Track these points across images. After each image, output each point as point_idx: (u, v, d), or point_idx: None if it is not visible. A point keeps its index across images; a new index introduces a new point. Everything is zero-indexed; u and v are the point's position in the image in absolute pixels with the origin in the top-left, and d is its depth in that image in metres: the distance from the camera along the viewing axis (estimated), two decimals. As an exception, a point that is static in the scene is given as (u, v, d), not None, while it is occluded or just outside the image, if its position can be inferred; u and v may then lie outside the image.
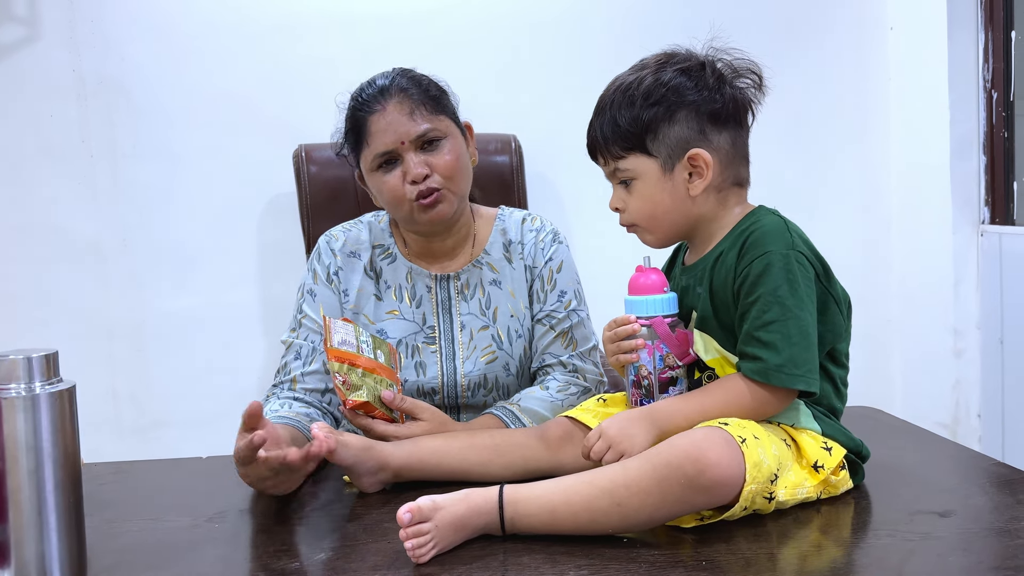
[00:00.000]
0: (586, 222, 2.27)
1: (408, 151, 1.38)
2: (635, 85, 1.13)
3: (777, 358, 1.05)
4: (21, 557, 0.89)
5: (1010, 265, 2.23)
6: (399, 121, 1.38)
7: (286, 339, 1.45)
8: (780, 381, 1.05)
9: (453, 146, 1.41)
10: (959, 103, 2.31)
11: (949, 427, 2.36)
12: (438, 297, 1.47)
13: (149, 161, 2.28)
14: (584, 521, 0.98)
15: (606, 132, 1.15)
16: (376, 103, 1.39)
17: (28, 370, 0.90)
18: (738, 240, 1.12)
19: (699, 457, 0.95)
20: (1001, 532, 0.99)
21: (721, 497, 0.98)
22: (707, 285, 1.14)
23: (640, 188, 1.15)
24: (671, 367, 1.15)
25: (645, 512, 0.97)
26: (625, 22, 2.37)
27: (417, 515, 0.95)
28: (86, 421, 1.01)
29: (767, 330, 1.06)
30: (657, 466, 0.96)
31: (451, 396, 1.46)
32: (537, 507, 0.98)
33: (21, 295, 2.26)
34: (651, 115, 1.12)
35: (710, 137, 1.13)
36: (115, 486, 1.28)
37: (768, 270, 1.07)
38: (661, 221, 1.16)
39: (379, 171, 1.40)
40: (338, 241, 1.49)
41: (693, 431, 1.01)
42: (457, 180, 1.41)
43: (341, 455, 1.14)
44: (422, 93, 1.41)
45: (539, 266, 1.50)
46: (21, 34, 2.22)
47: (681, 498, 0.96)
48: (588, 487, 0.98)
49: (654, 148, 1.13)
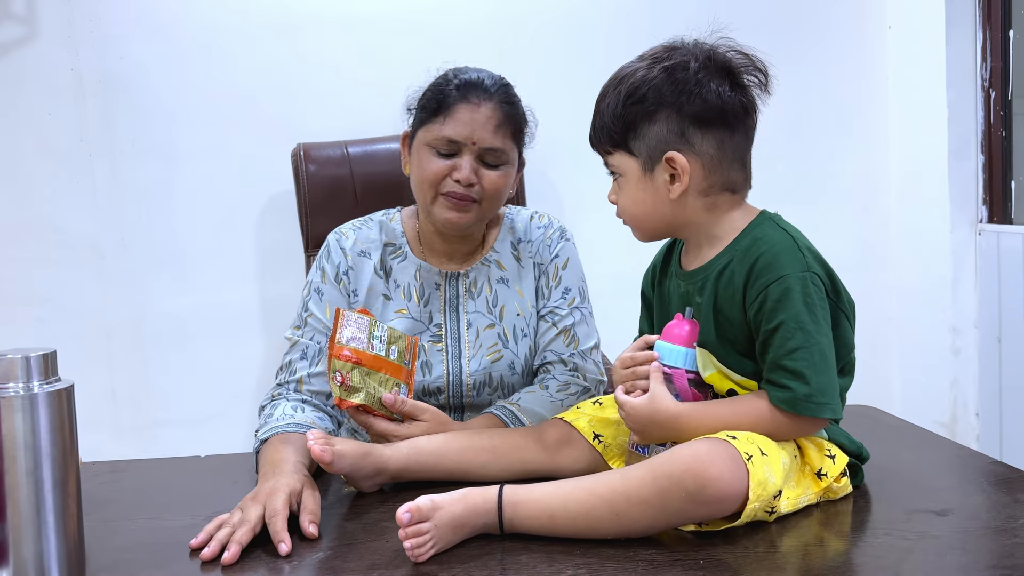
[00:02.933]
0: (585, 219, 2.27)
1: (470, 152, 1.39)
2: (625, 80, 1.11)
3: (805, 388, 1.03)
4: (19, 556, 0.89)
5: (1008, 264, 2.23)
6: (483, 126, 1.38)
7: (290, 336, 1.43)
8: (810, 411, 1.04)
9: (507, 174, 1.42)
10: (957, 102, 2.31)
11: (947, 426, 2.36)
12: (446, 295, 1.47)
13: (148, 160, 2.27)
14: (582, 527, 0.98)
15: (597, 127, 1.14)
16: (474, 95, 1.40)
17: (26, 369, 0.90)
18: (746, 258, 1.08)
19: (700, 472, 0.94)
20: (998, 531, 0.99)
21: (722, 511, 0.97)
22: (710, 299, 1.11)
23: (624, 186, 1.14)
24: None
25: (644, 522, 0.97)
26: (625, 20, 2.36)
27: (416, 515, 0.95)
28: (84, 420, 1.02)
29: (792, 358, 1.04)
30: (658, 477, 0.96)
31: (456, 395, 1.45)
32: (536, 510, 0.99)
33: (19, 294, 2.25)
34: (632, 114, 1.09)
35: (691, 140, 1.08)
36: (113, 485, 1.28)
37: (787, 295, 1.04)
38: (643, 221, 1.15)
39: (432, 150, 1.40)
40: (348, 239, 1.48)
41: (698, 442, 0.99)
42: (493, 203, 1.43)
43: (338, 466, 1.14)
44: (515, 115, 1.43)
45: (545, 262, 1.50)
46: (20, 32, 2.21)
47: (681, 510, 0.96)
48: (587, 494, 0.98)
49: (635, 147, 1.11)
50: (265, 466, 1.18)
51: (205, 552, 0.98)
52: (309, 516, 1.05)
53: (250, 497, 1.07)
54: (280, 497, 1.05)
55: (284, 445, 1.22)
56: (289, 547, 0.99)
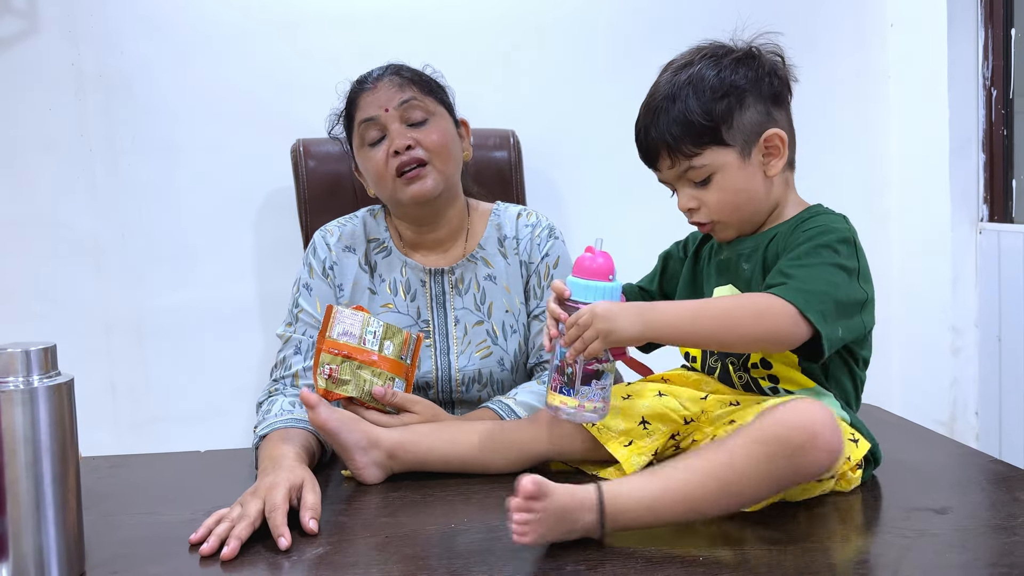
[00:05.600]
0: (584, 217, 2.27)
1: (393, 121, 1.41)
2: (700, 82, 1.14)
3: (805, 286, 1.04)
4: (19, 550, 0.89)
5: (1008, 263, 2.23)
6: (386, 93, 1.42)
7: (282, 333, 1.45)
8: (798, 302, 1.02)
9: (441, 126, 1.44)
10: (958, 100, 2.31)
11: (947, 424, 2.36)
12: (432, 292, 1.48)
13: (148, 156, 2.27)
14: (690, 508, 0.95)
15: (675, 132, 1.14)
16: (368, 81, 1.45)
17: (26, 363, 0.90)
18: (799, 222, 1.16)
19: (806, 426, 0.94)
20: (998, 529, 0.99)
21: (820, 469, 0.96)
22: (760, 261, 1.15)
23: (721, 181, 1.15)
24: (599, 360, 1.08)
25: (749, 493, 0.96)
26: (625, 19, 2.36)
27: (537, 490, 0.91)
28: (84, 415, 1.01)
29: (798, 268, 1.06)
30: (760, 441, 0.94)
31: (445, 391, 1.46)
32: (640, 498, 0.95)
33: (19, 289, 2.25)
34: (724, 107, 1.13)
35: (776, 117, 1.17)
36: (113, 480, 1.28)
37: (820, 234, 1.10)
38: (744, 209, 1.17)
39: (366, 147, 1.43)
40: (333, 235, 1.50)
41: (793, 401, 0.97)
42: (443, 157, 1.43)
43: (325, 416, 1.17)
44: (414, 75, 1.46)
45: (535, 262, 1.50)
46: (20, 27, 2.21)
47: (787, 471, 0.95)
48: (690, 473, 0.95)
49: (730, 138, 1.14)
50: (265, 461, 1.19)
51: (204, 547, 0.99)
52: (309, 511, 1.05)
53: (250, 492, 1.07)
54: (280, 492, 1.05)
55: (283, 440, 1.22)
56: (289, 542, 0.99)
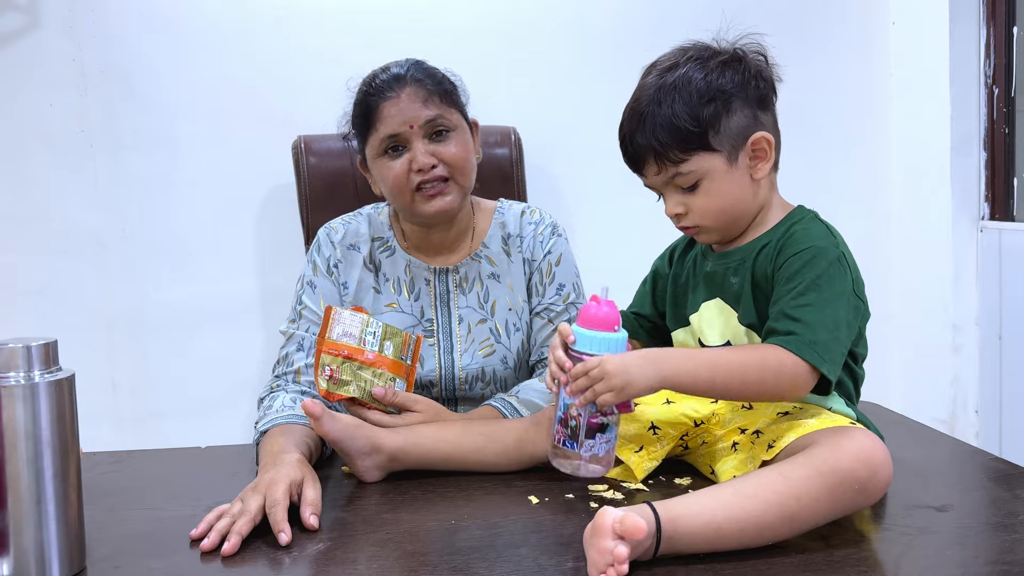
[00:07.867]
0: (585, 215, 2.27)
1: (416, 138, 1.38)
2: (685, 86, 1.11)
3: (811, 335, 1.04)
4: (20, 545, 0.89)
5: (1009, 261, 2.23)
6: (411, 107, 1.38)
7: (285, 329, 1.45)
8: (809, 356, 1.03)
9: (461, 139, 1.41)
10: (960, 99, 2.30)
11: (947, 422, 2.36)
12: (436, 290, 1.47)
13: (149, 151, 2.27)
14: (751, 536, 0.94)
15: (662, 138, 1.11)
16: (390, 90, 1.39)
17: (27, 359, 0.90)
18: (785, 234, 1.13)
19: (868, 459, 0.96)
20: (998, 527, 0.99)
21: (878, 496, 0.99)
22: (748, 276, 1.14)
23: (708, 186, 1.13)
24: (604, 412, 1.04)
25: (811, 521, 0.96)
26: (625, 17, 2.36)
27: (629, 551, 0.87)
28: (85, 410, 1.02)
29: (803, 310, 1.05)
30: (826, 474, 0.95)
31: (448, 389, 1.46)
32: (700, 524, 0.92)
33: (21, 284, 2.25)
34: (711, 111, 1.11)
35: (762, 120, 1.15)
36: (114, 475, 1.28)
37: (813, 261, 1.08)
38: (731, 214, 1.15)
39: (384, 156, 1.40)
40: (338, 233, 1.49)
41: (849, 432, 0.99)
42: (464, 172, 1.41)
43: (328, 427, 1.16)
44: (436, 84, 1.41)
45: (538, 259, 1.50)
46: (21, 22, 2.21)
47: (850, 503, 0.97)
48: (753, 501, 0.94)
49: (717, 143, 1.12)
50: (265, 457, 1.19)
51: (205, 543, 0.99)
52: (310, 507, 1.05)
53: (251, 487, 1.07)
54: (281, 487, 1.05)
55: (284, 436, 1.22)
56: (289, 537, 0.99)
